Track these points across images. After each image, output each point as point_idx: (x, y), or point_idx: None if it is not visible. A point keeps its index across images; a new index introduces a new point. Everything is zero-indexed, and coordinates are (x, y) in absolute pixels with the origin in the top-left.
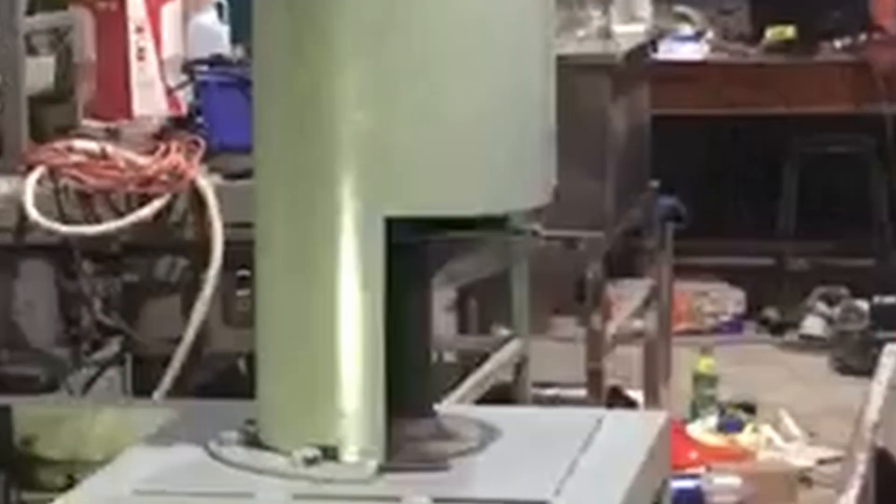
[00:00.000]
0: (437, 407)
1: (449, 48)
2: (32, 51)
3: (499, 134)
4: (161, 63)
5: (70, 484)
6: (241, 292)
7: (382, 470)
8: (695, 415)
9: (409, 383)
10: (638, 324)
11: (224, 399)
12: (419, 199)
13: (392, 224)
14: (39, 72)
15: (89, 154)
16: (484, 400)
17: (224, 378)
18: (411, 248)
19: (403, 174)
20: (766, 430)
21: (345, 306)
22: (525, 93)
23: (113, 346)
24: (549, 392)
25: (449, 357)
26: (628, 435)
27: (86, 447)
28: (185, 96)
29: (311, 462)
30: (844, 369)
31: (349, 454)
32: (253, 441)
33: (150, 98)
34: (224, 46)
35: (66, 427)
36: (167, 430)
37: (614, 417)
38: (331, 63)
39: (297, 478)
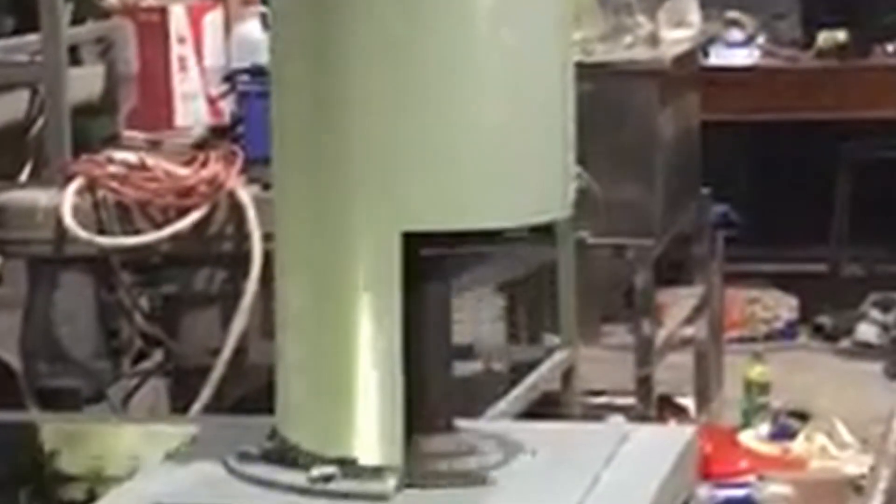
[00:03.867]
0: (458, 422)
1: (466, 63)
2: (76, 61)
3: (516, 147)
4: (203, 73)
5: (91, 500)
6: None
7: (401, 486)
8: (747, 423)
9: (428, 398)
10: (689, 331)
11: (264, 411)
12: (436, 213)
13: (411, 237)
14: (83, 82)
15: (128, 165)
16: (532, 409)
17: (264, 390)
18: (431, 260)
19: (420, 189)
20: (820, 438)
21: (362, 322)
22: (543, 104)
23: (155, 357)
24: (599, 400)
25: (498, 366)
26: (653, 450)
27: (108, 463)
28: (228, 106)
29: (329, 478)
30: None
31: (368, 470)
32: (272, 456)
33: (192, 108)
34: (266, 56)
35: (88, 443)
36: (189, 447)
37: (640, 432)
38: (349, 74)
39: (314, 493)
